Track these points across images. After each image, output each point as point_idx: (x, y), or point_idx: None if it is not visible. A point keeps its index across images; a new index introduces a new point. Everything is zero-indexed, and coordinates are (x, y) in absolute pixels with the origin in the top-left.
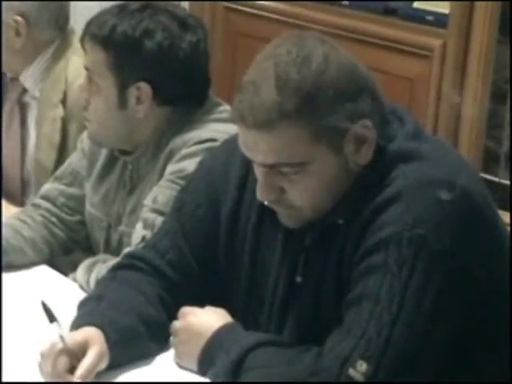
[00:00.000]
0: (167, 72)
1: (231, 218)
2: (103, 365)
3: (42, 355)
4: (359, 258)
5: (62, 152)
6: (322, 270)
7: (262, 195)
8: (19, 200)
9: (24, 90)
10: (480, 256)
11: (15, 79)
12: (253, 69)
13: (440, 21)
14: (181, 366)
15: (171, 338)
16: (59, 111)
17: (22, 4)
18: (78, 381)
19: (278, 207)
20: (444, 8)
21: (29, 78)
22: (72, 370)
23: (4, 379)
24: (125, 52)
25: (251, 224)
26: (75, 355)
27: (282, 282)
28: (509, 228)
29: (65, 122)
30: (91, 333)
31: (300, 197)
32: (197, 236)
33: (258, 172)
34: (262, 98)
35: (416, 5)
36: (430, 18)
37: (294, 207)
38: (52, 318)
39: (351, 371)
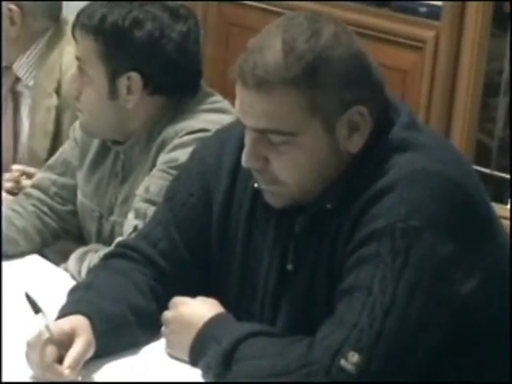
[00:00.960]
0: (157, 62)
1: (223, 206)
2: (90, 354)
3: (29, 345)
4: (352, 249)
5: (56, 141)
6: (313, 257)
7: (247, 161)
8: None
9: (17, 79)
10: (473, 247)
11: (9, 68)
12: (262, 33)
13: (433, 12)
14: (172, 356)
15: (162, 328)
16: (53, 100)
17: None
18: (66, 371)
19: (262, 180)
20: (437, 0)
21: (22, 66)
22: (60, 359)
23: (4, 379)
24: (115, 42)
25: (244, 212)
26: (62, 345)
27: (274, 270)
28: (506, 221)
29: (59, 111)
30: (78, 321)
31: (284, 170)
32: (189, 225)
33: (248, 138)
34: (267, 59)
35: None
36: (422, 9)
37: (277, 181)
38: (37, 308)
39: (343, 362)
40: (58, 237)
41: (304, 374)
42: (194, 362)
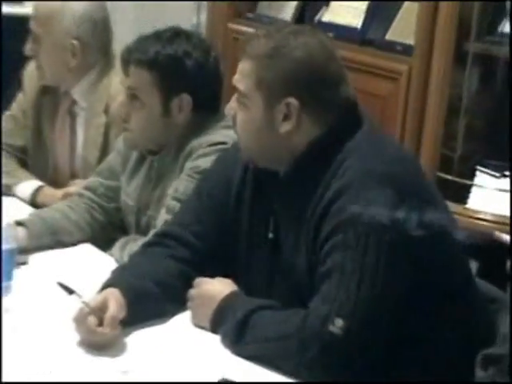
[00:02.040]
0: (202, 84)
1: (237, 193)
2: (122, 314)
3: (75, 320)
4: (323, 239)
5: (104, 151)
6: (289, 228)
7: (227, 113)
8: None
9: (73, 102)
10: (418, 227)
11: (67, 93)
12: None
13: (406, 50)
14: (195, 325)
15: (188, 303)
16: (102, 119)
17: (78, 29)
18: (107, 329)
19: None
20: (410, 40)
21: (78, 92)
22: (101, 324)
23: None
24: (170, 71)
25: (248, 197)
26: (99, 312)
27: (257, 238)
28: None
29: (106, 128)
30: (109, 292)
31: (239, 126)
32: (214, 210)
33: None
34: (255, 41)
35: (388, 37)
36: (398, 47)
37: (238, 134)
38: (70, 290)
39: (331, 327)
40: (104, 229)
41: (300, 338)
42: (213, 329)
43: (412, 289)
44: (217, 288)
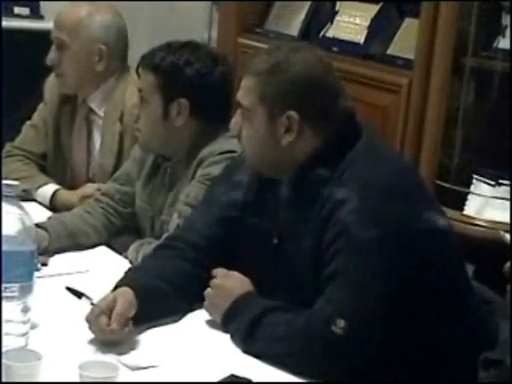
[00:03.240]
0: (202, 91)
1: (244, 200)
2: (132, 312)
3: (87, 320)
4: (327, 244)
5: (119, 158)
6: (295, 233)
7: (232, 128)
8: None
9: (90, 110)
10: (418, 233)
11: (85, 101)
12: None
13: (407, 64)
14: (208, 323)
15: (207, 290)
16: (118, 126)
17: (106, 35)
18: (114, 325)
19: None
20: (410, 55)
21: (95, 100)
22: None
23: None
24: (170, 76)
25: (254, 203)
26: (110, 311)
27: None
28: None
29: (121, 135)
30: (120, 290)
31: (244, 139)
32: (221, 215)
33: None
34: (255, 58)
35: (389, 52)
36: (399, 62)
37: (243, 146)
38: (78, 294)
39: (333, 327)
40: (120, 232)
41: (305, 337)
42: (224, 324)
43: (413, 291)
44: (235, 284)
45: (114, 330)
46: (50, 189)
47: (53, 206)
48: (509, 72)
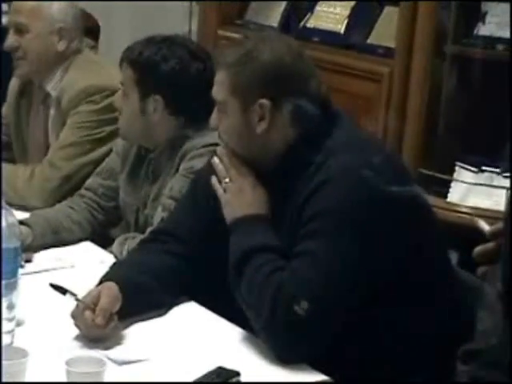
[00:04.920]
0: (177, 89)
1: None
2: (116, 306)
3: (72, 316)
4: (303, 224)
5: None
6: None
7: (211, 123)
8: None
9: (47, 94)
10: (395, 218)
11: (40, 86)
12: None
13: (388, 53)
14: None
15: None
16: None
17: (65, 15)
18: (97, 319)
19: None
20: (391, 43)
21: (50, 83)
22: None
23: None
24: (146, 71)
25: None
26: (95, 306)
27: None
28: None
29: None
30: (105, 285)
31: (222, 133)
32: (205, 208)
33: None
34: (227, 51)
35: (369, 41)
36: (380, 50)
37: (223, 140)
38: (63, 291)
39: (296, 307)
40: (104, 227)
41: (271, 309)
42: (230, 232)
43: (388, 280)
44: (253, 199)
45: (99, 325)
46: None
47: None
48: (489, 59)
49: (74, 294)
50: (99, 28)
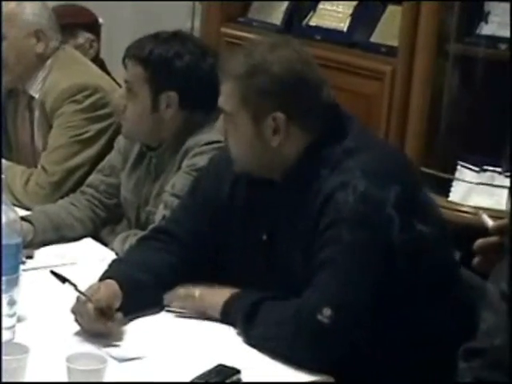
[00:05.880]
0: (190, 85)
1: (230, 194)
2: (118, 302)
3: (73, 312)
4: (319, 233)
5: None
6: (285, 229)
7: (219, 130)
8: None
9: (31, 98)
10: (410, 225)
11: (24, 91)
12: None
13: (391, 51)
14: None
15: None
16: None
17: (40, 18)
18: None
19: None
20: (393, 42)
21: (33, 87)
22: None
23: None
24: (160, 69)
25: (241, 198)
26: (95, 301)
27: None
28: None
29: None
30: (106, 282)
31: (231, 145)
32: (205, 208)
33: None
34: (232, 60)
35: (372, 39)
36: (383, 49)
37: (231, 151)
38: (62, 279)
39: (319, 316)
40: (106, 224)
41: (295, 325)
42: (225, 316)
43: (402, 281)
44: (222, 291)
45: (95, 318)
46: None
47: None
48: (491, 58)
49: (73, 284)
50: (99, 24)
